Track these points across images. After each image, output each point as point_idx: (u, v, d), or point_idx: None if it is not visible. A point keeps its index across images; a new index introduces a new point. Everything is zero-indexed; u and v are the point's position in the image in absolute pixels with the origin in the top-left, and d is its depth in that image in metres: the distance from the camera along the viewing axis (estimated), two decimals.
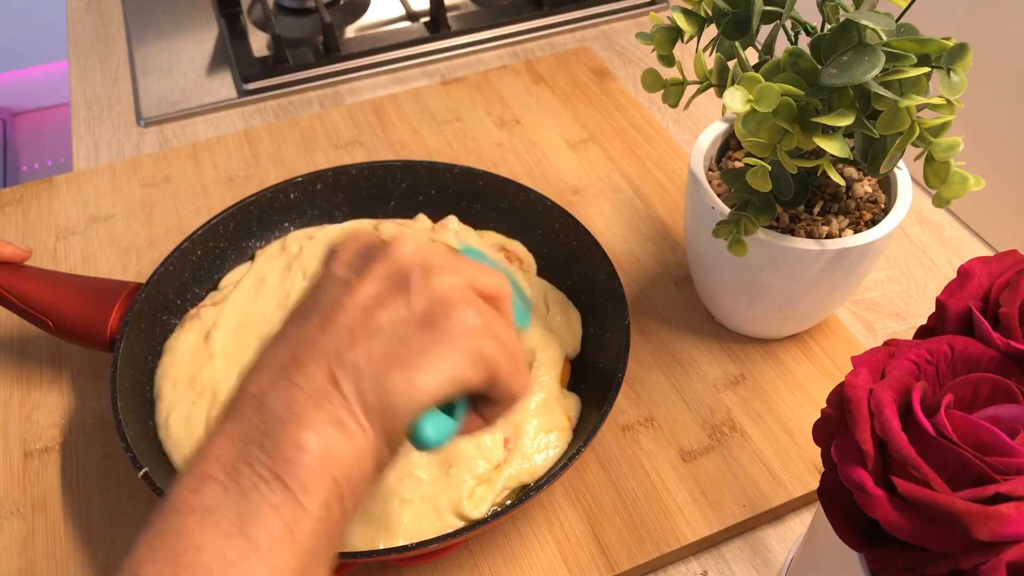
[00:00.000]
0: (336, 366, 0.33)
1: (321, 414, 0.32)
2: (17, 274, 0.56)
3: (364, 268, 0.36)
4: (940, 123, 0.43)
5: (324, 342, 0.33)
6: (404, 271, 0.35)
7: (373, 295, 0.35)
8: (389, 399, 0.33)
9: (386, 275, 0.35)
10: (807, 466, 0.54)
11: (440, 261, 0.36)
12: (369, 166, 0.65)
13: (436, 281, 0.35)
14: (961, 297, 0.36)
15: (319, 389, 0.32)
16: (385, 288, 0.35)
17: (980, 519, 0.28)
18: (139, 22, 0.95)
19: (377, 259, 0.36)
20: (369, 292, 0.35)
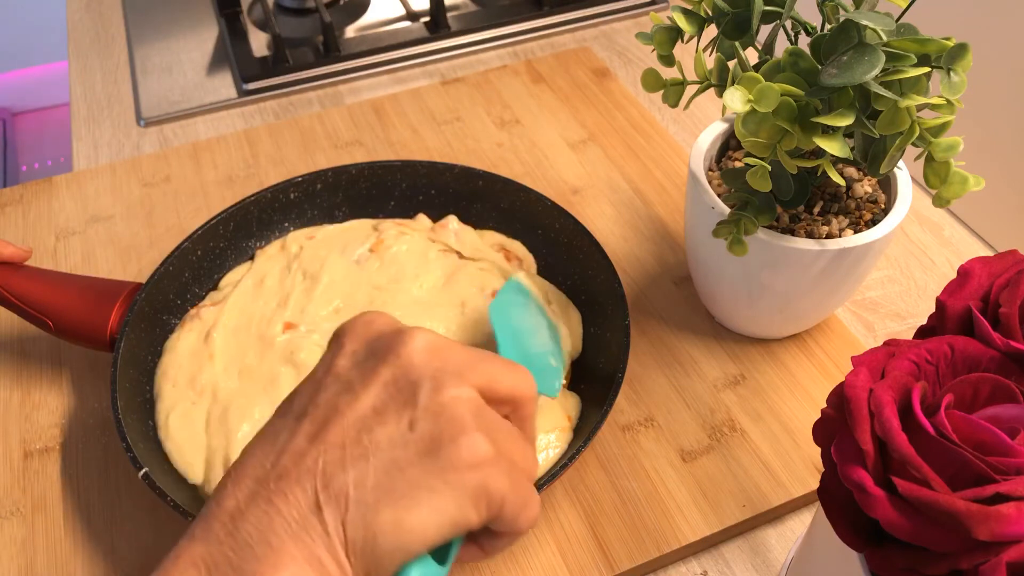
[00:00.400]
0: (323, 490, 0.29)
1: (299, 550, 0.29)
2: (17, 274, 0.56)
3: (370, 369, 0.32)
4: (940, 123, 0.43)
5: (313, 457, 0.30)
6: (413, 380, 0.32)
7: (374, 406, 0.31)
8: (375, 541, 0.29)
9: (392, 381, 0.32)
10: (807, 466, 0.54)
11: (455, 365, 0.32)
12: (369, 166, 0.65)
13: (446, 396, 0.31)
14: (961, 297, 0.36)
15: (300, 517, 0.29)
16: (389, 398, 0.31)
17: (980, 519, 0.28)
18: (139, 22, 0.95)
19: (386, 360, 0.32)
20: (370, 401, 0.31)
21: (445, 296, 0.59)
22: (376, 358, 0.32)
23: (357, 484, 0.29)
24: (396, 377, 0.32)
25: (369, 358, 0.33)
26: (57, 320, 0.55)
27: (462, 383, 0.32)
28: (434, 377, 0.32)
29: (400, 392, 0.31)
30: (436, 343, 0.33)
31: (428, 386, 0.31)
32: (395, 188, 0.66)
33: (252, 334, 0.57)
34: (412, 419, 0.31)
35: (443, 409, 0.31)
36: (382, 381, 0.32)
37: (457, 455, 0.30)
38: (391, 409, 0.31)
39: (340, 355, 0.34)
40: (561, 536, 0.51)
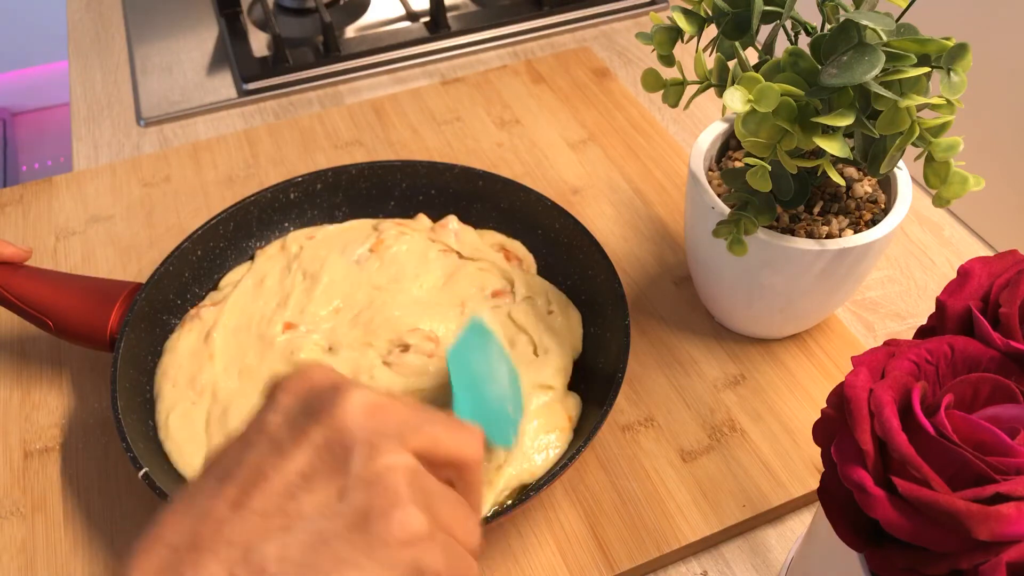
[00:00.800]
0: (240, 563, 0.27)
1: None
2: (17, 274, 0.56)
3: (301, 429, 0.30)
4: (940, 123, 0.43)
5: (232, 527, 0.28)
6: (346, 443, 0.29)
7: (302, 470, 0.29)
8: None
9: (324, 444, 0.29)
10: (807, 466, 0.54)
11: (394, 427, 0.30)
12: (369, 166, 0.65)
13: (381, 463, 0.29)
14: (961, 297, 0.36)
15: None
16: (320, 463, 0.29)
17: (980, 519, 0.28)
18: (139, 22, 0.95)
19: (319, 419, 0.30)
20: (299, 466, 0.29)
21: (445, 296, 0.59)
22: (309, 417, 0.30)
23: (278, 559, 0.27)
24: (328, 439, 0.29)
25: (302, 416, 0.30)
26: (57, 320, 0.55)
27: (400, 449, 0.29)
28: (369, 441, 0.29)
29: (332, 456, 0.29)
30: (375, 402, 0.30)
31: (362, 451, 0.29)
32: (395, 188, 0.66)
33: (252, 334, 0.57)
34: (342, 488, 0.28)
35: (377, 478, 0.29)
36: (313, 443, 0.29)
37: (388, 530, 0.28)
38: (321, 475, 0.29)
39: (272, 411, 0.31)
40: (561, 536, 0.51)
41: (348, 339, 0.57)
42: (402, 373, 0.54)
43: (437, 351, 0.56)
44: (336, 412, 0.30)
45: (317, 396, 0.31)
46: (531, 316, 0.58)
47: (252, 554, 0.27)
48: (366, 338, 0.56)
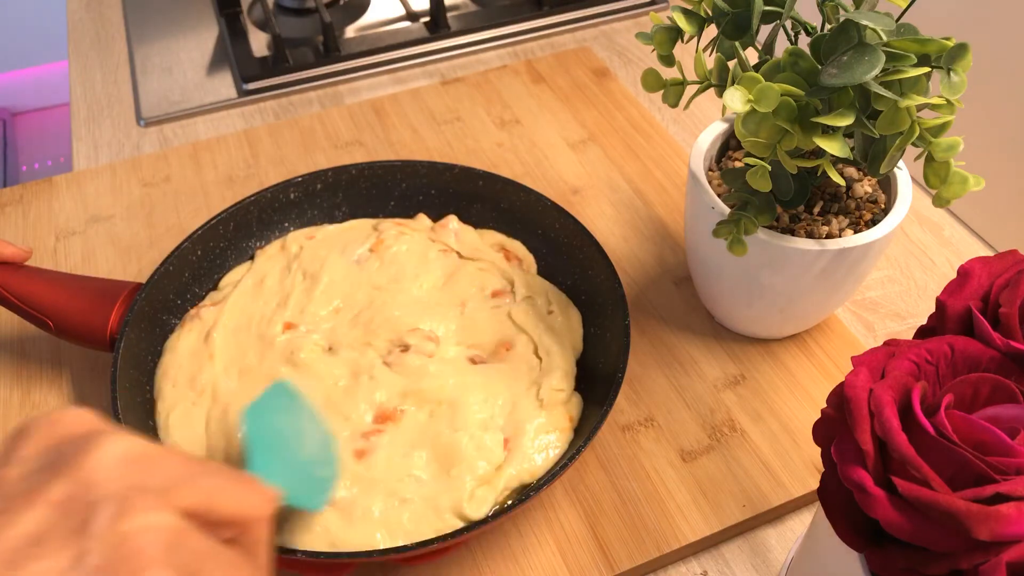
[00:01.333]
0: None
1: None
2: (17, 274, 0.56)
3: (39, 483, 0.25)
4: (940, 123, 0.43)
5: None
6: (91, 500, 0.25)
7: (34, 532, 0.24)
8: None
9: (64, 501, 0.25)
10: (807, 466, 0.54)
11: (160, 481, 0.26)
12: (369, 166, 0.65)
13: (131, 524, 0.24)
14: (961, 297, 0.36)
15: None
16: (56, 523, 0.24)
17: (980, 519, 0.28)
18: (139, 22, 0.95)
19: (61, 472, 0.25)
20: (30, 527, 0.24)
21: (445, 296, 0.59)
22: (52, 470, 0.26)
23: None
24: (70, 495, 0.25)
25: (45, 469, 0.26)
26: (57, 320, 0.55)
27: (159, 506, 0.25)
28: (121, 497, 0.25)
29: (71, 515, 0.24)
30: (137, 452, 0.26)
31: (109, 509, 0.24)
32: (395, 188, 0.66)
33: (252, 334, 0.57)
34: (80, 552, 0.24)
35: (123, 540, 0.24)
36: (51, 500, 0.25)
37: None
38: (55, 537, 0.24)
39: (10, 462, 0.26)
40: (561, 536, 0.51)
41: (348, 339, 0.57)
42: (402, 373, 0.54)
43: (437, 351, 0.56)
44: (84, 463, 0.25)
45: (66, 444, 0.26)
46: (531, 316, 0.58)
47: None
48: (366, 338, 0.56)
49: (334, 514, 0.48)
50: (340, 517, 0.48)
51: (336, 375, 0.54)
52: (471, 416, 0.52)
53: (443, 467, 0.50)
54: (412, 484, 0.49)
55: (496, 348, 0.56)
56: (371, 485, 0.49)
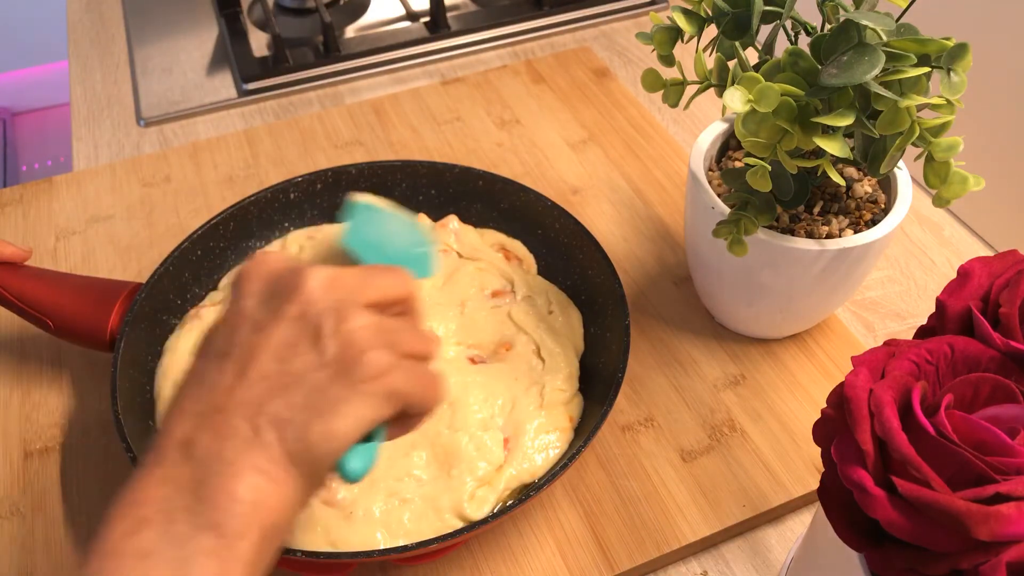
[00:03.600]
0: (258, 417, 0.33)
1: (248, 464, 0.33)
2: (17, 274, 0.56)
3: (276, 308, 0.35)
4: (940, 123, 0.43)
5: (242, 392, 0.34)
6: (316, 314, 0.35)
7: (286, 341, 0.35)
8: (311, 450, 0.33)
9: (299, 316, 0.35)
10: (807, 466, 0.54)
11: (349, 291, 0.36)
12: (369, 166, 0.65)
13: (347, 325, 0.35)
14: (961, 297, 0.36)
15: (244, 440, 0.33)
16: (298, 331, 0.35)
17: (980, 519, 0.28)
18: (139, 22, 0.95)
19: (289, 298, 0.35)
20: (282, 337, 0.35)
21: (445, 296, 0.59)
22: (280, 298, 0.36)
23: (287, 407, 0.34)
24: (302, 312, 0.35)
25: (273, 298, 0.36)
26: (57, 320, 0.55)
27: (358, 310, 0.36)
28: (335, 309, 0.35)
29: (307, 325, 0.35)
30: (330, 276, 0.36)
31: (331, 318, 0.35)
32: (395, 188, 0.66)
33: None
34: (322, 347, 0.34)
35: (347, 335, 0.35)
36: (289, 317, 0.35)
37: (364, 371, 0.34)
38: (302, 341, 0.35)
39: (245, 296, 0.37)
40: (561, 536, 0.51)
41: None
42: None
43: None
44: (303, 290, 0.35)
45: (281, 280, 0.36)
46: (531, 316, 0.58)
47: (265, 409, 0.33)
48: None
49: (334, 514, 0.48)
50: (340, 517, 0.48)
51: None
52: (471, 416, 0.52)
53: (443, 467, 0.50)
54: (412, 484, 0.49)
55: (496, 348, 0.56)
56: (371, 485, 0.49)
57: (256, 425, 0.33)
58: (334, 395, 0.34)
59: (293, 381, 0.34)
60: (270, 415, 0.33)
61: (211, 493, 0.32)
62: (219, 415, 0.33)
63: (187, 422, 0.34)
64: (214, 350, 0.36)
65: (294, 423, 0.33)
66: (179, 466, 0.33)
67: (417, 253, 0.52)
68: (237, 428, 0.33)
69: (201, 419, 0.34)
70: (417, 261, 0.51)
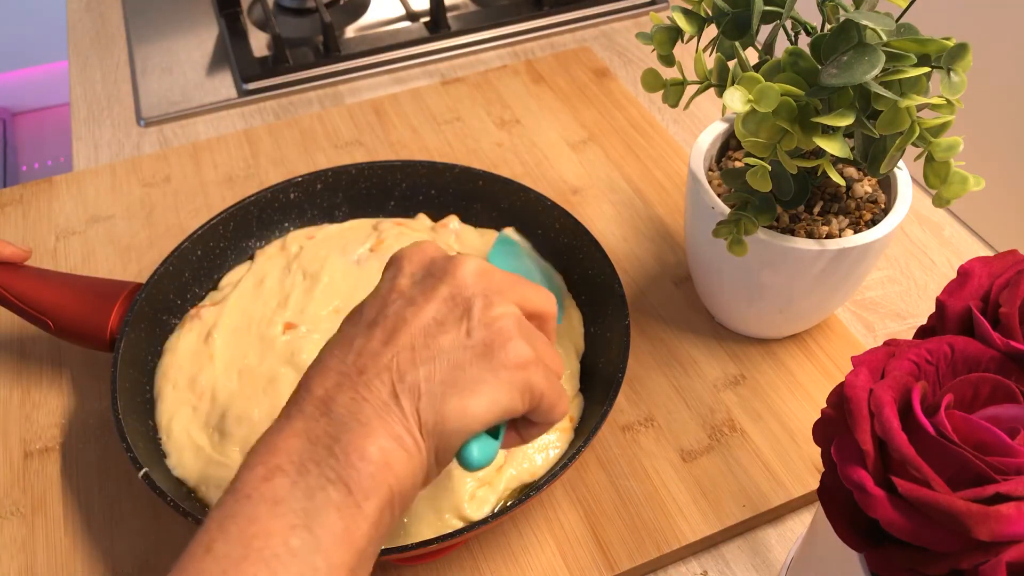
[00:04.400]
0: (398, 383, 0.35)
1: (383, 427, 0.34)
2: (17, 274, 0.56)
3: (429, 287, 0.38)
4: (940, 123, 0.43)
5: (388, 357, 0.35)
6: (467, 296, 0.37)
7: (436, 317, 0.37)
8: (444, 423, 0.35)
9: (449, 297, 0.37)
10: (807, 466, 0.54)
11: (498, 286, 0.38)
12: (369, 166, 0.65)
13: (495, 311, 0.37)
14: (961, 297, 0.36)
15: (382, 403, 0.34)
16: (448, 311, 0.37)
17: (980, 519, 0.28)
18: (139, 22, 0.95)
19: (442, 280, 0.38)
20: (432, 313, 0.37)
21: None
22: (434, 278, 0.38)
23: (427, 379, 0.35)
24: (453, 294, 0.37)
25: (427, 278, 0.38)
26: (57, 320, 0.55)
27: (505, 301, 0.38)
28: (484, 295, 0.37)
29: (457, 307, 0.37)
30: (483, 267, 0.38)
31: (480, 303, 0.37)
32: (395, 188, 0.66)
33: (252, 335, 0.57)
34: (469, 328, 0.36)
35: (493, 321, 0.37)
36: (441, 297, 0.37)
37: (506, 357, 0.36)
38: (450, 320, 0.37)
39: (401, 276, 0.39)
40: (561, 536, 0.51)
41: None
42: None
43: None
44: (456, 273, 0.38)
45: (436, 263, 0.39)
46: None
47: (406, 376, 0.35)
48: None
49: None
50: None
51: None
52: None
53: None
54: None
55: None
56: None
57: (395, 391, 0.34)
58: (474, 375, 0.35)
59: (437, 355, 0.35)
60: (410, 383, 0.35)
61: (344, 450, 0.33)
62: (361, 376, 0.35)
63: (329, 379, 0.35)
64: (364, 319, 0.37)
65: (432, 394, 0.35)
66: (317, 420, 0.34)
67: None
68: (378, 391, 0.34)
69: (343, 378, 0.35)
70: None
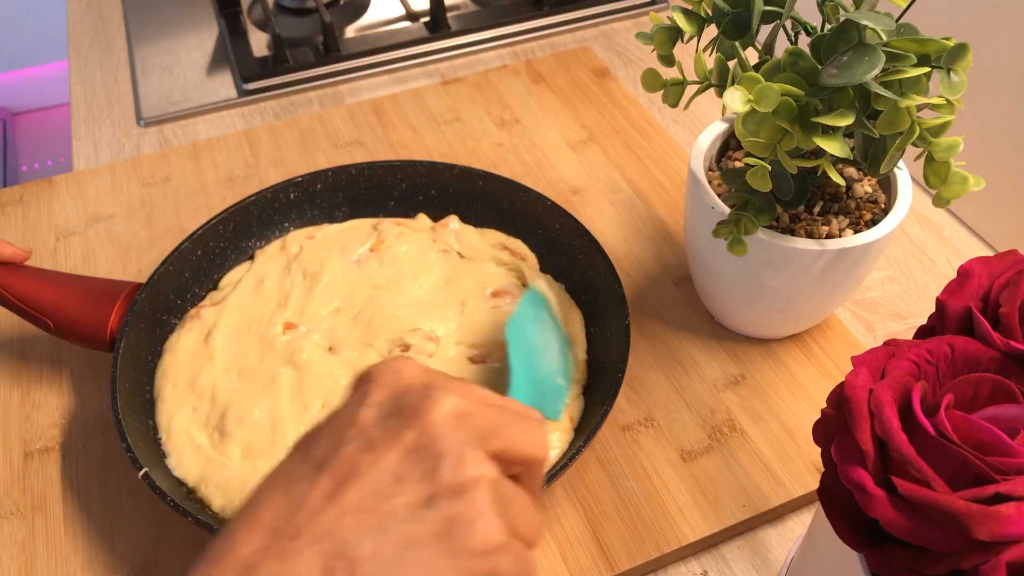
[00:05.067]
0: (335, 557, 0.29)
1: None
2: (17, 274, 0.56)
3: (394, 429, 0.32)
4: (940, 123, 0.43)
5: (328, 519, 0.30)
6: (437, 450, 0.31)
7: (395, 471, 0.31)
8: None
9: (415, 448, 0.31)
10: (807, 466, 0.54)
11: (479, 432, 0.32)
12: (369, 166, 0.65)
13: (467, 474, 0.31)
14: (961, 297, 0.36)
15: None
16: (411, 466, 0.31)
17: (980, 519, 0.28)
18: (139, 22, 0.95)
19: (412, 422, 0.32)
20: (392, 466, 0.31)
21: (445, 296, 0.59)
22: (402, 417, 0.32)
23: (371, 556, 0.29)
24: (420, 444, 0.31)
25: (394, 415, 0.32)
26: (57, 320, 0.55)
27: (483, 459, 0.31)
28: (458, 451, 0.31)
29: (422, 461, 0.31)
30: (463, 408, 0.32)
31: (451, 461, 0.31)
32: (395, 188, 0.66)
33: (252, 335, 0.57)
34: (432, 494, 0.30)
35: (463, 488, 0.31)
36: (405, 446, 0.31)
37: (471, 540, 0.30)
38: (412, 478, 0.31)
39: (365, 405, 0.33)
40: (561, 536, 0.51)
41: (348, 339, 0.57)
42: None
43: (437, 351, 0.56)
44: (427, 417, 0.31)
45: (409, 395, 0.33)
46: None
47: (347, 548, 0.29)
48: (366, 338, 0.56)
49: None
50: None
51: (336, 375, 0.54)
52: None
53: None
54: None
55: (496, 348, 0.56)
56: None
57: (330, 566, 0.29)
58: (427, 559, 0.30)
59: (388, 524, 0.30)
60: (350, 558, 0.29)
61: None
62: (293, 543, 0.29)
63: (256, 538, 0.30)
64: (313, 455, 0.32)
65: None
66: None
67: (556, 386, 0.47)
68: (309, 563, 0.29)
69: (273, 540, 0.30)
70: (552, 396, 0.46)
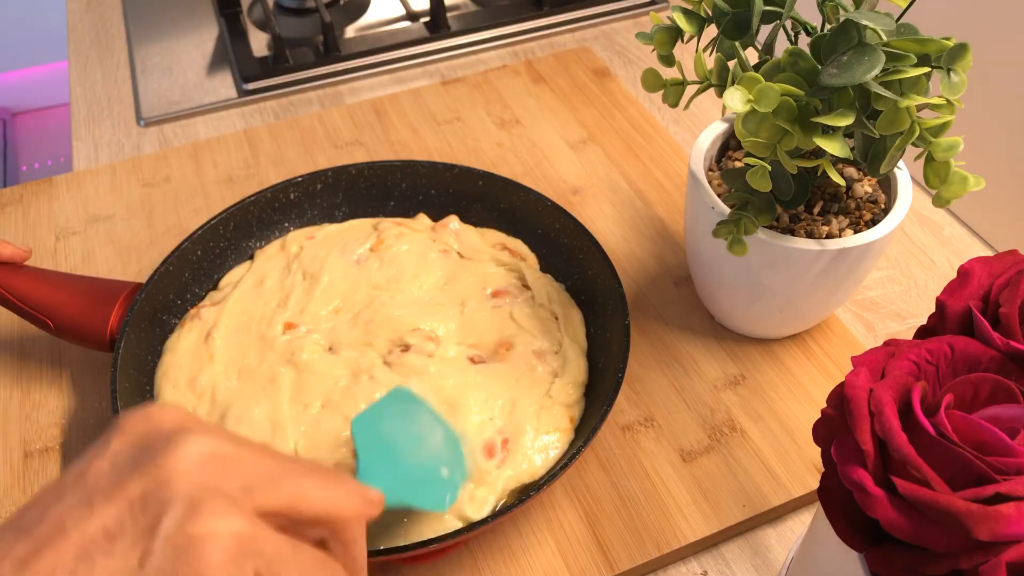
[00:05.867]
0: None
1: None
2: (17, 274, 0.56)
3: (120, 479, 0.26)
4: (940, 123, 0.43)
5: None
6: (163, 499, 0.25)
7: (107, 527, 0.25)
8: None
9: (139, 498, 0.25)
10: (807, 466, 0.54)
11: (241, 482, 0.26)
12: (369, 166, 0.65)
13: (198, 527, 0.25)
14: (961, 297, 0.36)
15: None
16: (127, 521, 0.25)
17: (980, 519, 0.28)
18: (139, 22, 0.95)
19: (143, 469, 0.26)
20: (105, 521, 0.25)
21: (445, 296, 0.59)
22: (134, 465, 0.26)
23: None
24: (146, 493, 0.25)
25: (128, 464, 0.26)
26: (57, 320, 0.55)
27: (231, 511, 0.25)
28: (192, 499, 0.25)
29: (143, 514, 0.25)
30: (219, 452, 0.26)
31: (178, 511, 0.25)
32: (395, 188, 0.66)
33: (252, 334, 0.57)
34: (145, 551, 0.25)
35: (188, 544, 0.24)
36: (127, 496, 0.25)
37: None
38: (126, 534, 0.25)
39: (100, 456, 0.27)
40: (561, 536, 0.51)
41: (348, 339, 0.57)
42: (402, 373, 0.54)
43: (437, 351, 0.56)
44: (164, 461, 0.26)
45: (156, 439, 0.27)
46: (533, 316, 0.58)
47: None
48: (366, 338, 0.56)
49: None
50: None
51: (336, 375, 0.54)
52: (471, 416, 0.52)
53: None
54: None
55: (496, 348, 0.56)
56: None
57: None
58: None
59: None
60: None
61: None
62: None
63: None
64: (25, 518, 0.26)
65: None
66: None
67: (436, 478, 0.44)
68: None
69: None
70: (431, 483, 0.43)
